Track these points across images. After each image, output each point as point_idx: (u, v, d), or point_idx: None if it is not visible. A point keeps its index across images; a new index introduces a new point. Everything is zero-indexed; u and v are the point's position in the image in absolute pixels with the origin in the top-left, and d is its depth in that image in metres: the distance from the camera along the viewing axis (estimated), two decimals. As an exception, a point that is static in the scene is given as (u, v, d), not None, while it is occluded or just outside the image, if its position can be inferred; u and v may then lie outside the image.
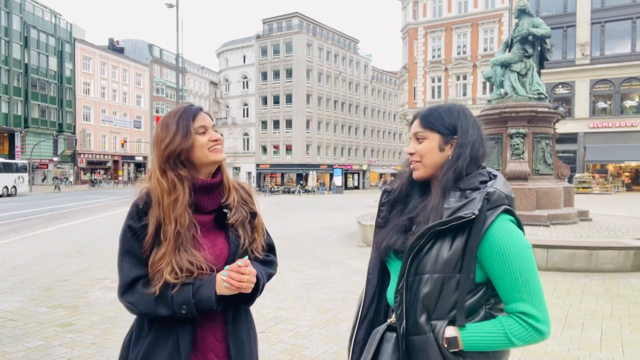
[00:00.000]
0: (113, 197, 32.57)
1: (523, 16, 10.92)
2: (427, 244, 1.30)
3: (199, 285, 1.40)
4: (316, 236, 11.24)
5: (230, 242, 1.52)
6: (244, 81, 57.75)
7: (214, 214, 1.55)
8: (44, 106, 48.36)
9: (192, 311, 1.39)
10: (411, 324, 1.30)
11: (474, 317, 1.30)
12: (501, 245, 1.27)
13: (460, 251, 1.28)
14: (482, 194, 1.30)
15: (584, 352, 3.85)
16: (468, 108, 1.53)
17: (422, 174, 1.44)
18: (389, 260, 1.45)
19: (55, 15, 50.56)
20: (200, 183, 1.51)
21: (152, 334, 1.45)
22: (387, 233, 1.47)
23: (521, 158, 10.05)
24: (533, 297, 1.26)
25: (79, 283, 6.36)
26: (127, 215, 1.48)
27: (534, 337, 1.25)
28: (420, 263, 1.30)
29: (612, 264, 6.94)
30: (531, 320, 1.24)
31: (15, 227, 13.73)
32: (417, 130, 1.44)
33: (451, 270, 1.28)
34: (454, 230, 1.29)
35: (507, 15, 36.10)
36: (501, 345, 1.28)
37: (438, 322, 1.29)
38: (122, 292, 1.44)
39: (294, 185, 50.54)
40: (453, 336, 1.27)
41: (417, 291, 1.30)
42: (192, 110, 1.52)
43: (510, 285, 1.26)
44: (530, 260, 1.28)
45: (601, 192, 30.36)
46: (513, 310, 1.27)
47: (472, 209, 1.26)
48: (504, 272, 1.26)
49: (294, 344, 4.03)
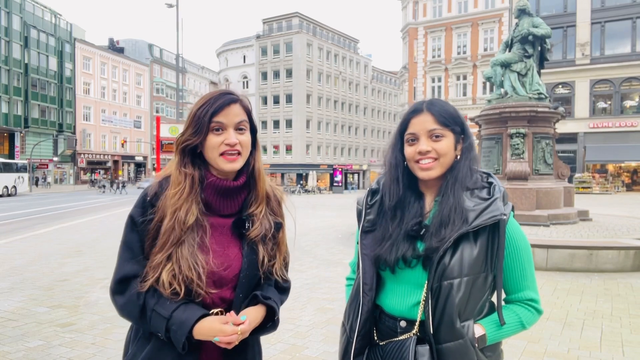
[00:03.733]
0: (113, 197, 32.57)
1: (523, 16, 10.92)
2: (451, 247, 1.27)
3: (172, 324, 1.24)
4: (316, 236, 11.24)
5: (244, 256, 1.36)
6: (244, 81, 57.75)
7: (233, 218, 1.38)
8: (44, 106, 48.34)
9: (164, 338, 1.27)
10: (445, 332, 1.25)
11: (484, 311, 1.36)
12: (516, 241, 1.34)
13: (485, 250, 1.30)
14: (497, 192, 1.34)
15: (584, 352, 3.85)
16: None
17: (438, 174, 1.35)
18: (395, 270, 1.35)
19: (55, 15, 50.54)
20: (210, 182, 1.35)
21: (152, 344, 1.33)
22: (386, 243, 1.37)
23: (521, 158, 10.05)
24: (534, 284, 1.38)
25: (79, 283, 6.35)
26: (134, 205, 1.37)
27: (537, 318, 1.38)
28: (446, 268, 1.26)
29: (612, 264, 6.94)
30: (536, 305, 1.37)
31: (15, 227, 13.72)
32: (434, 128, 1.34)
33: (478, 271, 1.29)
34: (476, 231, 1.29)
35: (507, 15, 36.09)
36: (516, 333, 1.36)
37: (465, 324, 1.28)
38: (113, 290, 1.34)
39: (294, 185, 50.53)
40: (482, 334, 1.30)
41: (449, 297, 1.25)
42: (217, 101, 1.32)
43: (520, 276, 1.35)
44: (531, 251, 1.39)
45: (601, 192, 30.36)
46: (521, 298, 1.36)
47: (500, 210, 1.29)
48: (516, 265, 1.34)
49: (294, 344, 4.03)
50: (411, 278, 1.34)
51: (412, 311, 1.33)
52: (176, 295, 1.27)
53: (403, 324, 1.34)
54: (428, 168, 1.34)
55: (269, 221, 1.42)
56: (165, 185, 1.35)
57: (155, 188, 1.35)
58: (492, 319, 1.33)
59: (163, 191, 1.34)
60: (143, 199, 1.35)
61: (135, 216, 1.34)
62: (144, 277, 1.29)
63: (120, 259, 1.34)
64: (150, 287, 1.29)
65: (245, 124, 1.37)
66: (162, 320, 1.25)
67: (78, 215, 17.72)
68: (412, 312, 1.33)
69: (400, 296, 1.36)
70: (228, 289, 1.35)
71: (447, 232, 1.28)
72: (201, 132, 1.31)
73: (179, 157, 1.36)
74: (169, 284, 1.26)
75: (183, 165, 1.34)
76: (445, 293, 1.25)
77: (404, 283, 1.36)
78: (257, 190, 1.41)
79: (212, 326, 1.26)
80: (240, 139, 1.34)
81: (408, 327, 1.33)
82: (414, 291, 1.34)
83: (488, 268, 1.30)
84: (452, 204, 1.31)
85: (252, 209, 1.39)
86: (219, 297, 1.34)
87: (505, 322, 1.31)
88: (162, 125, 17.99)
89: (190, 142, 1.33)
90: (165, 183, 1.36)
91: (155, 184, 1.36)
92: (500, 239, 1.28)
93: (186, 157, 1.35)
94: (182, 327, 1.23)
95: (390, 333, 1.36)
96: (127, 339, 1.45)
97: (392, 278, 1.38)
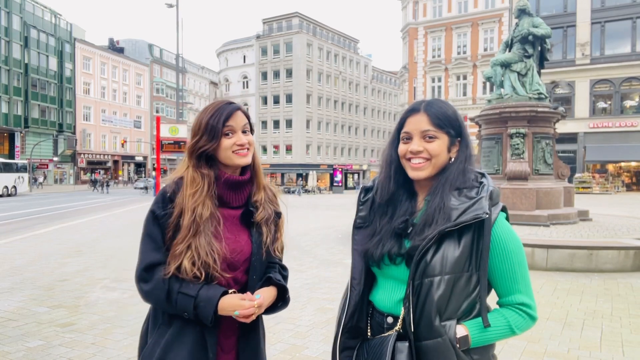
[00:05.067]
0: (113, 197, 32.58)
1: (523, 16, 10.92)
2: (433, 245, 1.27)
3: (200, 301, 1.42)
4: (316, 236, 11.24)
5: (253, 242, 1.56)
6: (244, 81, 57.78)
7: (241, 210, 1.59)
8: (44, 106, 48.35)
9: (192, 317, 1.43)
10: (424, 329, 1.26)
11: (472, 312, 1.32)
12: (504, 242, 1.30)
13: (468, 250, 1.28)
14: (484, 192, 1.31)
15: (584, 352, 3.85)
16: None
17: (428, 174, 1.36)
18: (381, 266, 1.38)
19: (55, 15, 50.55)
20: (226, 178, 1.55)
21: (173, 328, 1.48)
22: (374, 238, 1.40)
23: (521, 158, 10.05)
24: (527, 288, 1.33)
25: (79, 283, 6.35)
26: (153, 201, 1.55)
27: (530, 324, 1.33)
28: (428, 266, 1.26)
29: (612, 264, 6.94)
30: (528, 310, 1.32)
31: (15, 227, 13.72)
32: (428, 129, 1.35)
33: (460, 270, 1.27)
34: (460, 230, 1.28)
35: (507, 15, 36.11)
36: (504, 337, 1.32)
37: (447, 323, 1.27)
38: (138, 277, 1.49)
39: (294, 185, 50.53)
40: (464, 335, 1.28)
41: (429, 294, 1.25)
42: (225, 111, 1.53)
43: (510, 279, 1.31)
44: (524, 254, 1.35)
45: (601, 192, 30.37)
46: (512, 302, 1.32)
47: (484, 209, 1.27)
48: (505, 267, 1.31)
49: (294, 344, 4.02)
50: (396, 274, 1.36)
51: (397, 307, 1.35)
52: (197, 279, 1.45)
53: (390, 320, 1.36)
54: (418, 168, 1.36)
55: (270, 208, 1.64)
56: (180, 184, 1.53)
57: (172, 186, 1.53)
58: (479, 321, 1.30)
59: (180, 189, 1.51)
60: (163, 196, 1.52)
61: (156, 210, 1.51)
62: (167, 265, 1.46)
63: (143, 250, 1.50)
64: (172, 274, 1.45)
65: (248, 126, 1.59)
66: (189, 300, 1.41)
67: (78, 215, 17.71)
68: (397, 308, 1.34)
69: (387, 292, 1.39)
70: (240, 272, 1.55)
71: (430, 231, 1.28)
72: (217, 137, 1.52)
73: (195, 161, 1.55)
74: (190, 270, 1.43)
75: (200, 167, 1.54)
76: (425, 290, 1.26)
77: (390, 279, 1.38)
78: (258, 181, 1.64)
79: (232, 302, 1.44)
80: (248, 138, 1.57)
81: (393, 323, 1.34)
82: (399, 287, 1.36)
83: (472, 268, 1.29)
84: (438, 203, 1.32)
85: (255, 197, 1.61)
86: (232, 279, 1.53)
87: (490, 324, 1.28)
88: (162, 125, 18.01)
89: (207, 148, 1.53)
90: (180, 182, 1.54)
91: (172, 183, 1.54)
92: (485, 238, 1.27)
93: (202, 160, 1.55)
94: (210, 302, 1.41)
95: (379, 329, 1.38)
96: (144, 331, 1.58)
97: (380, 274, 1.41)
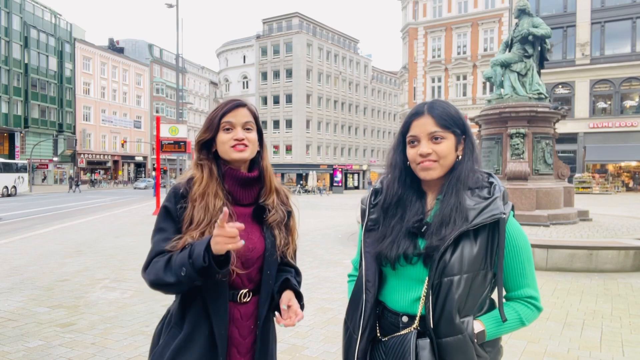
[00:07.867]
0: (113, 197, 32.57)
1: (523, 16, 10.92)
2: (451, 245, 1.31)
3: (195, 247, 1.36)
4: (316, 236, 11.24)
5: (266, 238, 1.57)
6: (244, 81, 57.75)
7: (252, 207, 1.59)
8: (44, 106, 48.35)
9: (190, 272, 1.34)
10: (445, 326, 1.29)
11: (484, 307, 1.39)
12: (515, 239, 1.37)
13: (484, 248, 1.33)
14: (497, 192, 1.37)
15: (584, 352, 3.85)
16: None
17: (437, 175, 1.39)
18: (396, 266, 1.39)
19: (55, 15, 50.54)
20: (232, 174, 1.56)
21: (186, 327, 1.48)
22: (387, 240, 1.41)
23: (521, 158, 10.05)
24: (534, 282, 1.41)
25: (79, 283, 6.36)
26: (165, 198, 1.57)
27: (537, 315, 1.42)
28: (447, 265, 1.30)
29: (612, 264, 6.95)
30: (536, 302, 1.40)
31: (15, 227, 13.73)
32: (435, 130, 1.38)
33: (477, 268, 1.32)
34: (476, 229, 1.32)
35: (507, 15, 36.10)
36: (515, 329, 1.40)
37: (465, 319, 1.32)
38: (145, 266, 1.47)
39: (294, 185, 50.52)
40: (481, 330, 1.34)
41: (449, 293, 1.29)
42: (226, 106, 1.57)
43: (519, 274, 1.38)
44: (531, 250, 1.43)
45: (601, 192, 30.38)
46: (521, 295, 1.40)
47: (500, 209, 1.32)
48: (515, 263, 1.37)
49: (294, 344, 4.03)
50: (412, 274, 1.38)
51: (413, 306, 1.37)
52: None
53: (405, 319, 1.38)
54: (428, 168, 1.39)
55: (282, 210, 1.63)
56: (192, 182, 1.57)
57: (184, 184, 1.56)
58: (492, 315, 1.37)
59: (191, 186, 1.54)
60: (175, 192, 1.55)
61: (169, 206, 1.52)
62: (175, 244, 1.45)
63: (154, 242, 1.50)
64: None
65: (252, 124, 1.58)
66: (185, 252, 1.38)
67: (78, 215, 17.72)
68: (414, 307, 1.37)
69: (402, 292, 1.41)
70: (254, 270, 1.55)
71: (448, 231, 1.31)
72: (212, 129, 1.55)
73: (197, 153, 1.60)
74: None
75: (199, 159, 1.59)
76: (445, 289, 1.29)
77: (405, 279, 1.40)
78: (267, 184, 1.62)
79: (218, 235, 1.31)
80: (247, 135, 1.55)
81: (409, 322, 1.37)
82: (415, 287, 1.38)
83: (487, 265, 1.34)
84: (454, 203, 1.35)
85: (267, 200, 1.60)
86: (247, 277, 1.54)
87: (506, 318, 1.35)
88: (162, 125, 17.97)
89: (203, 138, 1.57)
90: (192, 180, 1.57)
91: (185, 181, 1.57)
92: (500, 237, 1.32)
93: (202, 152, 1.59)
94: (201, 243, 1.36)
95: (392, 328, 1.40)
96: (158, 330, 1.59)
97: (394, 274, 1.42)
